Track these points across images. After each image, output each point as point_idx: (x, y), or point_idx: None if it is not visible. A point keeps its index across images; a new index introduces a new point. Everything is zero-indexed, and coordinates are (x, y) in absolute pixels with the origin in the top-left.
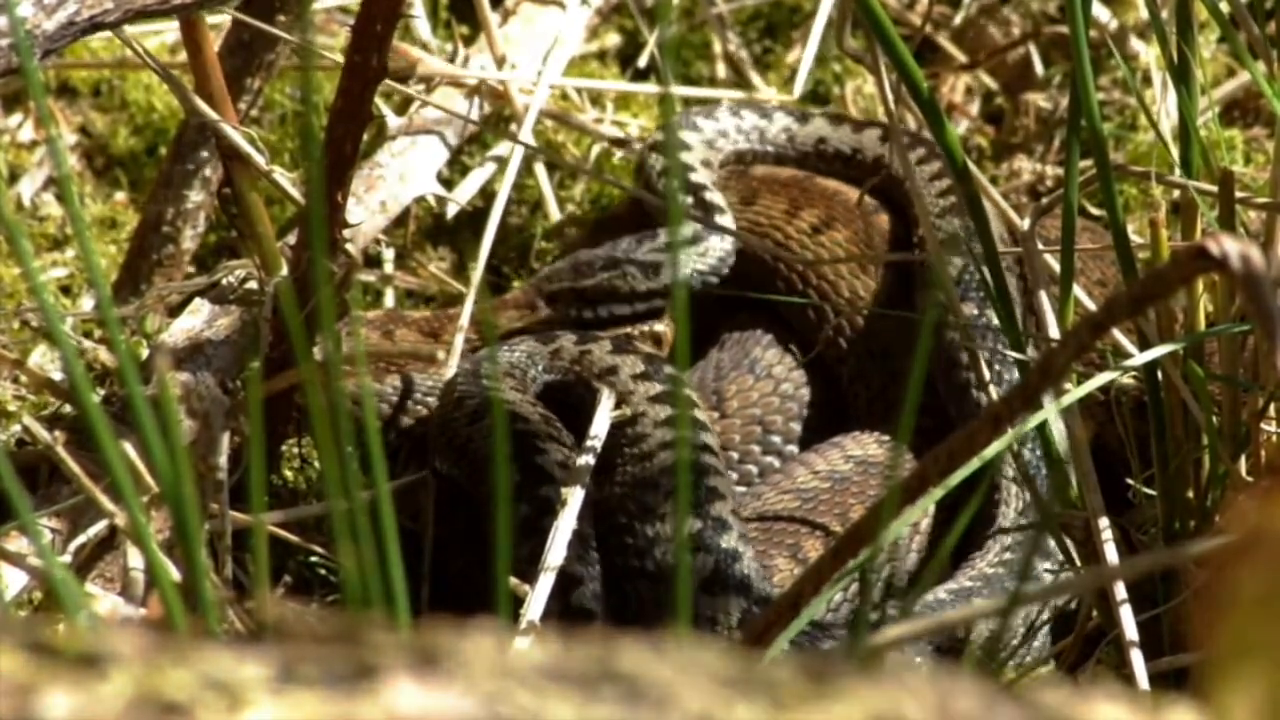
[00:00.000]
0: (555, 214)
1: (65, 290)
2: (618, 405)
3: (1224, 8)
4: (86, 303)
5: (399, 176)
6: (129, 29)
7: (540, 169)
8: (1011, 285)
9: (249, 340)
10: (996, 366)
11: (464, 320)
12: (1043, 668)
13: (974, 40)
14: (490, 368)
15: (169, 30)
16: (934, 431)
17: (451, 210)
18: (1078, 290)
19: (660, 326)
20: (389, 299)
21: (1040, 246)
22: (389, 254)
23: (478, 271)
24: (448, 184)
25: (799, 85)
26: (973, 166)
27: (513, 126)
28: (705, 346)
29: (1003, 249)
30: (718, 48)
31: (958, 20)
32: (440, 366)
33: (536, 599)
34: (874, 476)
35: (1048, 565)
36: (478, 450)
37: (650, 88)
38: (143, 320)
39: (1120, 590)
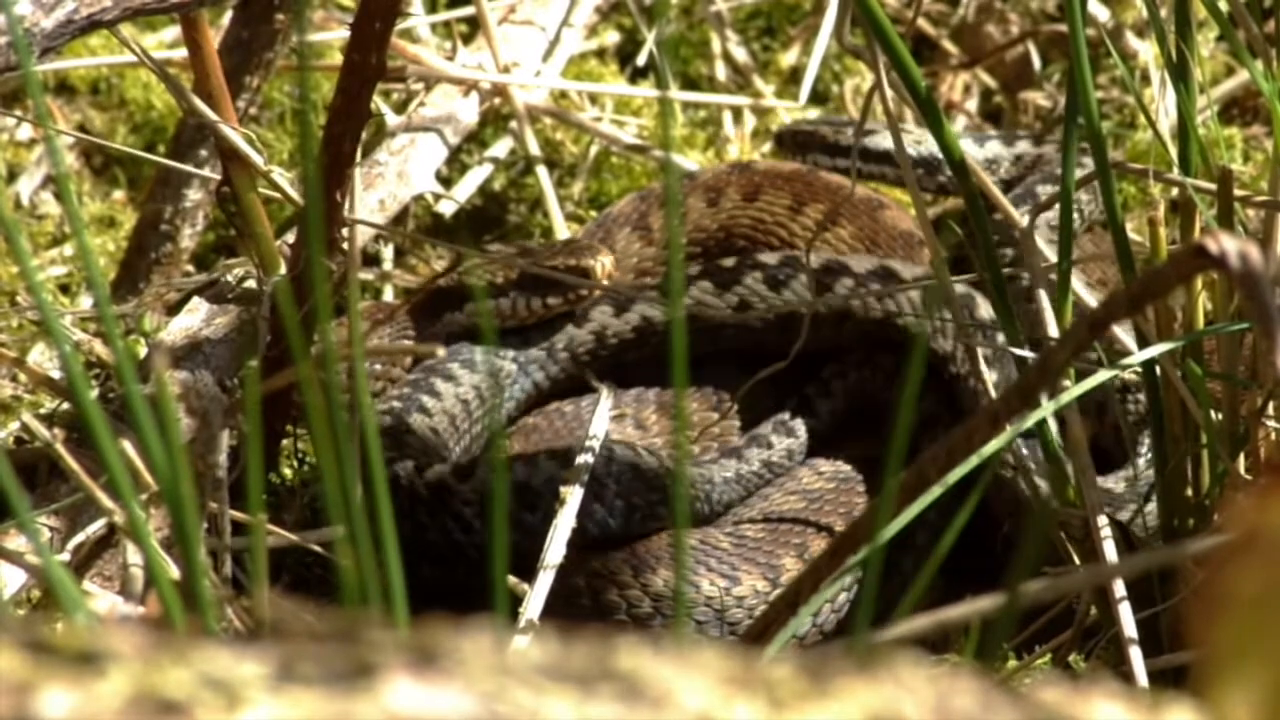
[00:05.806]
0: (556, 212)
1: (64, 289)
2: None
3: (1223, 6)
4: (85, 301)
5: (398, 175)
6: (127, 27)
7: (540, 167)
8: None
9: (247, 339)
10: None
11: (389, 295)
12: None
13: (973, 39)
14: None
15: (168, 29)
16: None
17: (449, 209)
18: (1077, 287)
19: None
20: (388, 297)
21: (1039, 245)
22: (388, 252)
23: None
24: (446, 182)
25: (804, 91)
26: (972, 163)
27: (512, 124)
28: None
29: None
30: (716, 46)
31: (956, 19)
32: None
33: (535, 597)
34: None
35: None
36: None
37: (649, 91)
38: (141, 318)
39: (1119, 588)
